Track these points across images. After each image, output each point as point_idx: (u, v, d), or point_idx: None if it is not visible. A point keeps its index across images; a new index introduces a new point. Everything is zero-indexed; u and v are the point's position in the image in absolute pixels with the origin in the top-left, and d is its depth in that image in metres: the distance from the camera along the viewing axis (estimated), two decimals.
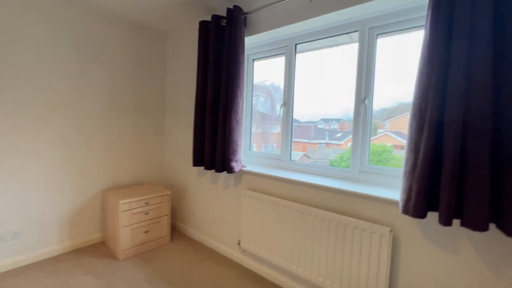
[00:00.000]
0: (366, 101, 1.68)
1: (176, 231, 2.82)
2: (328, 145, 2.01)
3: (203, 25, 2.20)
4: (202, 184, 2.55)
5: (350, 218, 1.52)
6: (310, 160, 2.10)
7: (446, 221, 1.08)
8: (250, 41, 2.20)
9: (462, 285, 1.23)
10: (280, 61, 2.12)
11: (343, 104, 1.84)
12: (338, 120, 1.91)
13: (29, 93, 2.02)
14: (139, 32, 2.65)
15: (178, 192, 2.84)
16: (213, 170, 2.24)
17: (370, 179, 1.66)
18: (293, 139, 2.14)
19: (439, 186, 1.13)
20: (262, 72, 2.35)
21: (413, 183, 1.18)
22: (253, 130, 2.47)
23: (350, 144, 1.84)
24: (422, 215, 1.17)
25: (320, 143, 2.04)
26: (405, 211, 1.22)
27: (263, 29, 2.01)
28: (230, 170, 2.04)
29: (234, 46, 1.98)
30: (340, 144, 1.95)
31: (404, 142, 1.65)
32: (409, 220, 1.37)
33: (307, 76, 2.03)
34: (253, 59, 2.35)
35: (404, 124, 1.54)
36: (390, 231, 1.37)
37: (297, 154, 2.14)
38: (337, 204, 1.64)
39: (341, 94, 1.84)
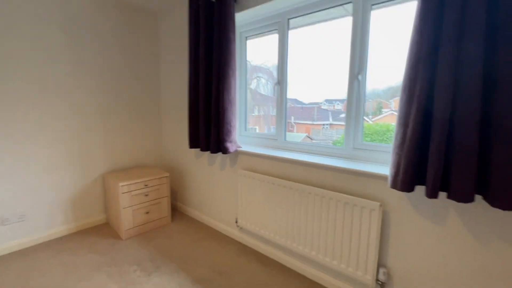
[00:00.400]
0: (360, 77, 1.64)
1: (177, 212, 2.90)
2: (332, 126, 1.99)
3: (193, 2, 2.12)
4: (200, 165, 2.58)
5: (341, 194, 1.53)
6: (313, 141, 2.07)
7: (432, 194, 1.09)
8: (241, 18, 2.13)
9: (449, 255, 1.26)
10: (276, 39, 2.06)
11: (345, 84, 1.76)
12: (342, 101, 1.88)
13: (25, 78, 2.02)
14: (131, 12, 2.57)
15: (178, 174, 2.89)
16: (209, 152, 2.26)
17: (364, 156, 1.66)
18: (296, 121, 2.12)
19: (427, 160, 1.12)
20: (262, 53, 2.28)
21: (402, 157, 1.18)
22: (255, 113, 2.44)
23: None
24: (410, 189, 1.17)
25: (324, 124, 2.03)
26: (393, 185, 1.23)
27: (254, 3, 1.93)
28: (225, 150, 2.05)
29: (224, 23, 1.91)
30: (343, 125, 1.92)
31: None
32: (398, 194, 1.38)
33: (304, 54, 1.97)
34: (246, 37, 2.28)
35: None
36: (380, 205, 1.39)
37: (299, 136, 2.13)
38: (329, 181, 1.66)
39: (342, 72, 1.76)
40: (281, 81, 2.02)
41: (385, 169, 1.45)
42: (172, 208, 2.98)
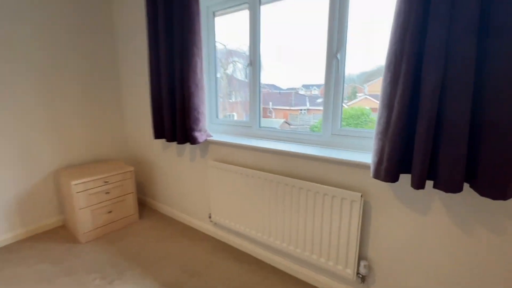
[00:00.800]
0: (339, 55, 1.48)
1: (146, 207, 2.67)
2: (309, 111, 1.99)
3: None
4: (168, 157, 2.35)
5: (320, 185, 1.41)
6: (291, 127, 2.06)
7: (419, 184, 0.98)
8: None
9: (432, 245, 1.20)
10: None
11: (323, 65, 1.63)
12: (319, 86, 1.86)
13: None
14: None
15: (145, 167, 2.63)
16: (176, 142, 2.02)
17: (343, 142, 1.54)
18: (274, 107, 2.07)
19: (413, 147, 1.01)
20: (237, 36, 2.04)
21: (386, 144, 1.06)
22: (233, 99, 2.27)
23: None
24: (394, 179, 1.06)
25: (301, 109, 2.02)
26: (376, 175, 1.11)
27: None
28: (193, 140, 1.84)
29: None
30: (320, 110, 1.90)
31: None
32: (380, 183, 1.28)
33: (278, 33, 1.77)
34: (214, 12, 2.02)
35: None
36: (361, 196, 1.28)
37: (278, 122, 2.09)
38: (307, 171, 1.53)
39: (319, 54, 1.62)
40: (253, 62, 1.82)
41: (366, 157, 1.34)
42: (141, 204, 2.74)
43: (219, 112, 2.20)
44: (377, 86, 1.50)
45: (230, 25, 2.05)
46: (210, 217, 2.05)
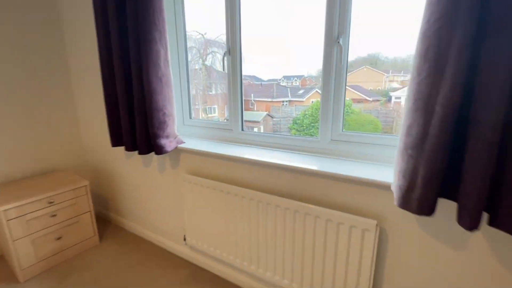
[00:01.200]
0: (341, 40, 1.15)
1: (111, 225, 2.26)
2: (291, 103, 1.96)
3: None
4: (133, 167, 1.95)
5: (321, 209, 1.10)
6: (274, 119, 2.01)
7: (472, 223, 0.69)
8: None
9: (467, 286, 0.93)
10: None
11: (305, 56, 1.54)
12: (299, 77, 1.86)
13: None
14: None
15: (107, 178, 2.20)
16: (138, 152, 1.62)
17: (345, 150, 1.23)
18: (256, 99, 1.99)
19: (461, 167, 0.72)
20: (215, 25, 1.70)
21: (420, 163, 0.76)
22: (213, 91, 2.09)
23: (312, 100, 1.79)
24: (431, 211, 0.77)
25: (283, 101, 1.99)
26: (404, 204, 0.82)
27: None
28: (159, 150, 1.46)
29: None
30: (302, 101, 1.93)
31: (362, 95, 1.48)
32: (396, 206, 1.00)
33: (261, 16, 1.42)
34: None
35: (362, 77, 1.41)
36: (377, 225, 0.99)
37: (260, 114, 2.01)
38: (303, 189, 1.21)
39: (302, 43, 1.47)
40: (232, 50, 1.45)
41: (377, 171, 1.04)
42: (104, 222, 2.32)
43: (192, 111, 1.82)
44: (356, 76, 1.37)
45: (206, 10, 1.68)
46: (185, 239, 1.70)
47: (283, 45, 1.58)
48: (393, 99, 1.69)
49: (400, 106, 1.79)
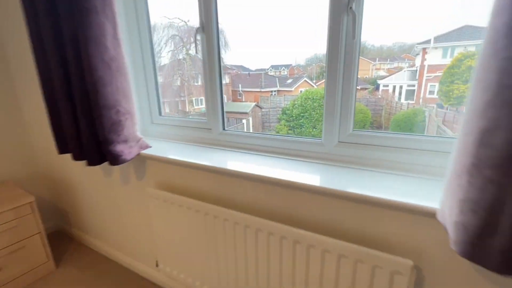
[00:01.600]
0: (354, 5, 0.83)
1: (74, 243, 1.90)
2: (279, 93, 1.94)
3: None
4: (92, 176, 1.59)
5: (330, 240, 0.80)
6: (263, 110, 1.99)
7: None
8: None
9: None
10: None
11: (293, 43, 1.55)
12: (287, 66, 1.86)
13: None
14: None
15: (67, 189, 1.84)
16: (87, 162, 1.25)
17: (357, 156, 0.93)
18: (244, 89, 1.99)
19: None
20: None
21: (509, 193, 0.45)
22: (199, 82, 1.99)
23: (301, 90, 1.78)
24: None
25: (272, 91, 1.96)
26: (475, 254, 0.52)
27: None
28: (114, 159, 1.11)
29: None
30: (291, 91, 1.93)
31: None
32: (442, 237, 0.71)
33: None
34: None
35: None
36: (413, 267, 0.70)
37: (248, 105, 1.99)
38: (304, 211, 0.91)
39: (289, 27, 1.43)
40: (207, 26, 1.10)
41: (408, 186, 0.75)
42: (65, 239, 1.96)
43: (166, 105, 1.48)
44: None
45: None
46: (157, 265, 1.38)
47: (274, 30, 1.47)
48: (381, 87, 1.64)
49: (388, 94, 1.66)
